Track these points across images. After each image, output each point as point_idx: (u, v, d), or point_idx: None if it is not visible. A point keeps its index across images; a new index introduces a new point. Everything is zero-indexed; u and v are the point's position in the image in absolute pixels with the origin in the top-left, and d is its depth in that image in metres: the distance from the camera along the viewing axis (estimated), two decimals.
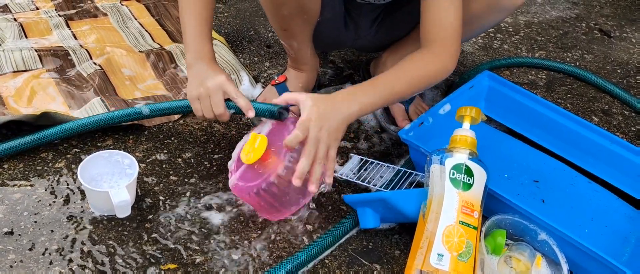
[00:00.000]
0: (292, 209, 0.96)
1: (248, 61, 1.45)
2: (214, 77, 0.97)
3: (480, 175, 0.89)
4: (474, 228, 0.85)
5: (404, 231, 1.01)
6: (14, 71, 1.26)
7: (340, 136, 0.91)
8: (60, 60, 1.32)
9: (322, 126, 0.87)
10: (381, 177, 1.08)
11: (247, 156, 0.92)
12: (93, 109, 1.17)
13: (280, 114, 0.96)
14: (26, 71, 1.27)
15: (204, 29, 1.01)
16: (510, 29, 1.78)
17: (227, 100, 0.98)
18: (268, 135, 0.94)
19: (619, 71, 1.63)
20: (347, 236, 0.99)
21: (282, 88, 1.23)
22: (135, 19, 1.55)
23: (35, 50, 1.33)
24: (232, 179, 0.94)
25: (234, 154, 0.98)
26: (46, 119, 1.09)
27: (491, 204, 0.95)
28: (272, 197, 0.91)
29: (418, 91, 1.01)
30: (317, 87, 1.33)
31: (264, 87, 1.31)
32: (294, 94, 0.92)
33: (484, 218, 0.91)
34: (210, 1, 1.01)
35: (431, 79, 0.99)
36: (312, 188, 0.88)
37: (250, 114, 0.96)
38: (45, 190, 1.00)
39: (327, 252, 0.95)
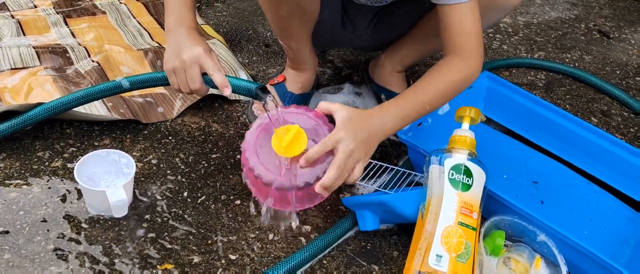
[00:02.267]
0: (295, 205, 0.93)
1: (247, 60, 1.44)
2: (191, 48, 0.92)
3: (479, 176, 0.88)
4: (473, 228, 0.85)
5: (403, 232, 1.01)
6: (12, 68, 1.25)
7: (371, 151, 0.89)
8: (58, 57, 1.31)
9: (354, 139, 0.85)
10: (380, 177, 1.08)
11: (283, 147, 0.86)
12: (91, 105, 1.16)
13: (258, 94, 0.93)
14: (24, 68, 1.26)
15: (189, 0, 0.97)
16: (510, 30, 1.78)
17: (205, 74, 0.94)
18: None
19: (618, 71, 1.62)
20: (346, 236, 0.98)
21: (280, 88, 1.23)
22: (134, 18, 1.54)
23: (33, 48, 1.33)
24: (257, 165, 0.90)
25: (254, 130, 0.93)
26: None
27: (490, 205, 0.94)
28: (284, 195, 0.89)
29: (449, 99, 0.99)
30: (316, 86, 1.33)
31: None
32: (330, 105, 0.89)
33: (483, 218, 0.91)
34: None
35: (461, 85, 0.97)
36: (325, 194, 0.88)
37: (227, 92, 0.93)
38: (42, 189, 0.99)
39: (326, 252, 0.95)
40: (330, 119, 0.91)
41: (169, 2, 0.97)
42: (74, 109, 1.13)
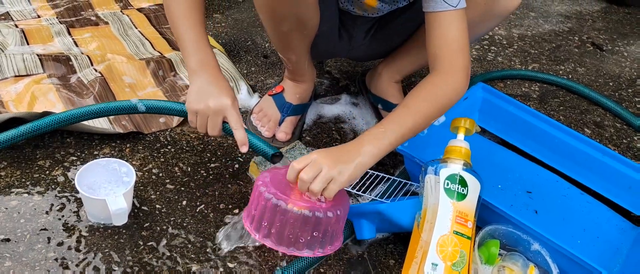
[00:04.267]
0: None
1: (245, 71, 1.46)
2: (220, 98, 0.94)
3: (474, 185, 0.90)
4: (468, 237, 0.86)
5: (399, 241, 1.02)
6: (16, 76, 1.27)
7: (345, 177, 0.84)
8: (61, 65, 1.33)
9: (326, 157, 0.84)
10: (377, 187, 1.09)
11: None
12: None
13: (273, 159, 0.98)
14: (28, 75, 1.28)
15: (203, 33, 0.98)
16: (504, 42, 1.81)
17: (225, 123, 0.97)
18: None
19: (610, 83, 1.65)
20: (342, 245, 0.99)
21: (278, 98, 1.25)
22: (136, 28, 1.56)
23: (37, 55, 1.34)
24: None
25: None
26: None
27: (485, 214, 0.96)
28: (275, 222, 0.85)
29: (436, 118, 0.97)
30: (314, 97, 1.35)
31: (261, 97, 1.32)
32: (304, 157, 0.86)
33: (478, 228, 0.92)
34: (202, 4, 0.99)
35: (447, 103, 0.95)
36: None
37: (244, 149, 0.96)
38: (43, 197, 1.00)
39: (323, 261, 0.96)
40: None
41: (184, 40, 0.97)
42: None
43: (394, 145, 0.89)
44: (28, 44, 1.41)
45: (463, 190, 0.88)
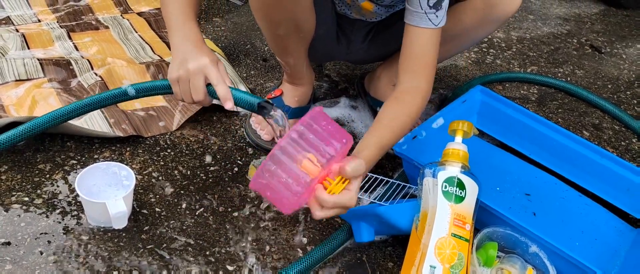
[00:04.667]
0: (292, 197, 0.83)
1: (245, 75, 1.47)
2: (197, 59, 0.90)
3: (472, 188, 0.90)
4: (466, 240, 0.86)
5: (397, 243, 1.02)
6: (16, 80, 1.27)
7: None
8: (62, 69, 1.33)
9: None
10: (375, 190, 1.09)
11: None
12: (93, 119, 1.18)
13: (261, 108, 0.91)
14: (28, 79, 1.28)
15: (189, 12, 0.96)
16: (503, 45, 1.81)
17: (209, 85, 0.93)
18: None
19: (609, 86, 1.65)
20: (341, 247, 1.00)
21: (278, 102, 1.25)
22: (136, 32, 1.57)
23: (38, 60, 1.35)
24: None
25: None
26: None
27: (483, 217, 0.96)
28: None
29: (409, 129, 1.02)
30: (313, 100, 1.35)
31: None
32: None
33: (476, 230, 0.92)
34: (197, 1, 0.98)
35: (414, 119, 0.99)
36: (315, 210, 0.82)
37: (229, 105, 0.92)
38: (43, 201, 1.00)
39: (321, 264, 0.96)
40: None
41: (170, 19, 0.96)
42: (76, 124, 1.15)
43: (375, 159, 0.91)
44: (29, 48, 1.41)
45: (461, 193, 0.89)
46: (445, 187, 0.89)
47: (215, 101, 0.96)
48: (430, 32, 0.99)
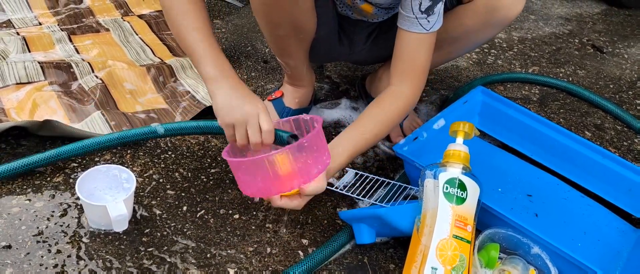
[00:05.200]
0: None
1: (245, 76, 1.47)
2: (253, 103, 0.89)
3: (473, 189, 0.90)
4: (468, 241, 0.86)
5: (399, 245, 1.02)
6: (17, 83, 1.28)
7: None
8: (63, 72, 1.33)
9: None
10: (376, 191, 1.09)
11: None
12: (93, 122, 1.18)
13: (290, 141, 0.96)
14: (29, 83, 1.28)
15: (214, 42, 0.95)
16: (504, 45, 1.81)
17: None
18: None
19: (611, 86, 1.65)
20: (343, 250, 1.00)
21: (278, 103, 1.25)
22: (137, 34, 1.57)
23: (38, 63, 1.35)
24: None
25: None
26: (49, 129, 1.10)
27: (485, 218, 0.96)
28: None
29: (387, 133, 1.05)
30: (314, 102, 1.35)
31: None
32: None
33: (478, 231, 0.92)
34: (207, 14, 0.97)
35: (391, 125, 1.03)
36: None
37: (269, 141, 0.92)
38: (44, 204, 1.00)
39: (322, 266, 0.96)
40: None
41: (197, 48, 0.93)
42: (77, 127, 1.15)
43: (345, 164, 0.98)
44: (29, 51, 1.42)
45: (462, 194, 0.88)
46: (447, 188, 0.88)
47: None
48: (421, 36, 1.00)
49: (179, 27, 0.94)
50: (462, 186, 0.89)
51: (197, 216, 1.03)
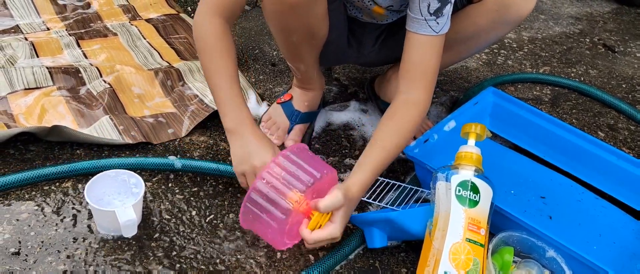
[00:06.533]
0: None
1: (253, 79, 1.46)
2: (262, 155, 0.92)
3: (486, 192, 0.88)
4: (481, 245, 0.84)
5: (411, 249, 1.01)
6: (25, 89, 1.28)
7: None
8: (71, 77, 1.33)
9: (343, 225, 0.89)
10: (387, 194, 1.08)
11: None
12: (102, 127, 1.18)
13: None
14: (37, 88, 1.28)
15: (237, 89, 0.97)
16: (514, 45, 1.79)
17: None
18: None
19: (623, 85, 1.62)
20: (354, 254, 0.98)
21: (287, 106, 1.24)
22: (144, 39, 1.57)
23: (47, 68, 1.35)
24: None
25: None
26: (57, 134, 1.10)
27: (498, 221, 0.94)
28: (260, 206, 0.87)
29: (407, 143, 1.03)
30: (323, 104, 1.34)
31: (269, 105, 1.32)
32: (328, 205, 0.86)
33: (491, 235, 0.91)
34: (234, 56, 0.98)
35: (409, 136, 1.00)
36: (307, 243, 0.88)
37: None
38: (52, 210, 1.00)
39: (334, 270, 0.95)
40: None
41: (219, 97, 0.97)
42: (85, 132, 1.15)
43: (372, 179, 0.95)
44: (38, 56, 1.42)
45: (475, 197, 0.87)
46: (459, 191, 0.87)
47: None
48: (431, 39, 0.98)
49: (207, 68, 0.98)
50: (474, 189, 0.87)
51: (206, 221, 1.02)
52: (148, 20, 1.67)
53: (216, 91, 0.98)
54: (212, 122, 1.26)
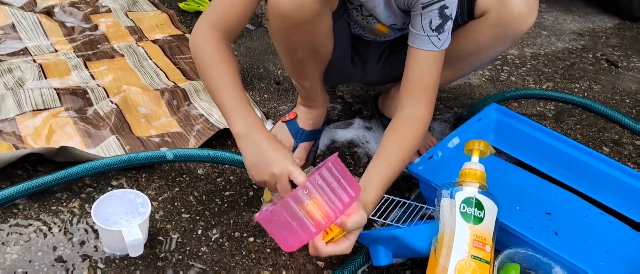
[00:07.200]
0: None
1: (258, 98, 1.47)
2: (280, 161, 0.88)
3: (490, 208, 0.88)
4: (487, 262, 0.84)
5: (416, 267, 1.00)
6: (34, 110, 1.29)
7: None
8: (78, 98, 1.35)
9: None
10: (392, 211, 1.08)
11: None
12: (109, 147, 1.19)
13: None
14: (45, 109, 1.30)
15: (243, 96, 0.94)
16: (517, 61, 1.80)
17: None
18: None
19: (627, 100, 1.63)
20: (359, 271, 0.98)
21: (292, 125, 1.25)
22: (151, 59, 1.59)
23: (55, 89, 1.37)
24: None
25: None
26: (64, 155, 1.11)
27: (503, 237, 0.94)
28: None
29: (411, 158, 1.04)
30: (327, 122, 1.35)
31: (274, 124, 1.33)
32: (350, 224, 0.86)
33: (497, 251, 0.90)
34: (236, 66, 0.96)
35: (413, 150, 1.01)
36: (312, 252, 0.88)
37: None
38: (60, 230, 1.01)
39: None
40: None
41: (226, 104, 0.94)
42: (92, 152, 1.16)
43: (380, 196, 0.96)
44: (46, 78, 1.44)
45: (480, 213, 0.87)
46: (464, 208, 0.87)
47: (226, 124, 0.98)
48: (432, 54, 1.00)
49: (209, 80, 0.95)
50: (479, 205, 0.88)
51: (212, 239, 1.02)
52: (154, 41, 1.69)
53: (223, 102, 0.94)
54: (217, 142, 1.27)
